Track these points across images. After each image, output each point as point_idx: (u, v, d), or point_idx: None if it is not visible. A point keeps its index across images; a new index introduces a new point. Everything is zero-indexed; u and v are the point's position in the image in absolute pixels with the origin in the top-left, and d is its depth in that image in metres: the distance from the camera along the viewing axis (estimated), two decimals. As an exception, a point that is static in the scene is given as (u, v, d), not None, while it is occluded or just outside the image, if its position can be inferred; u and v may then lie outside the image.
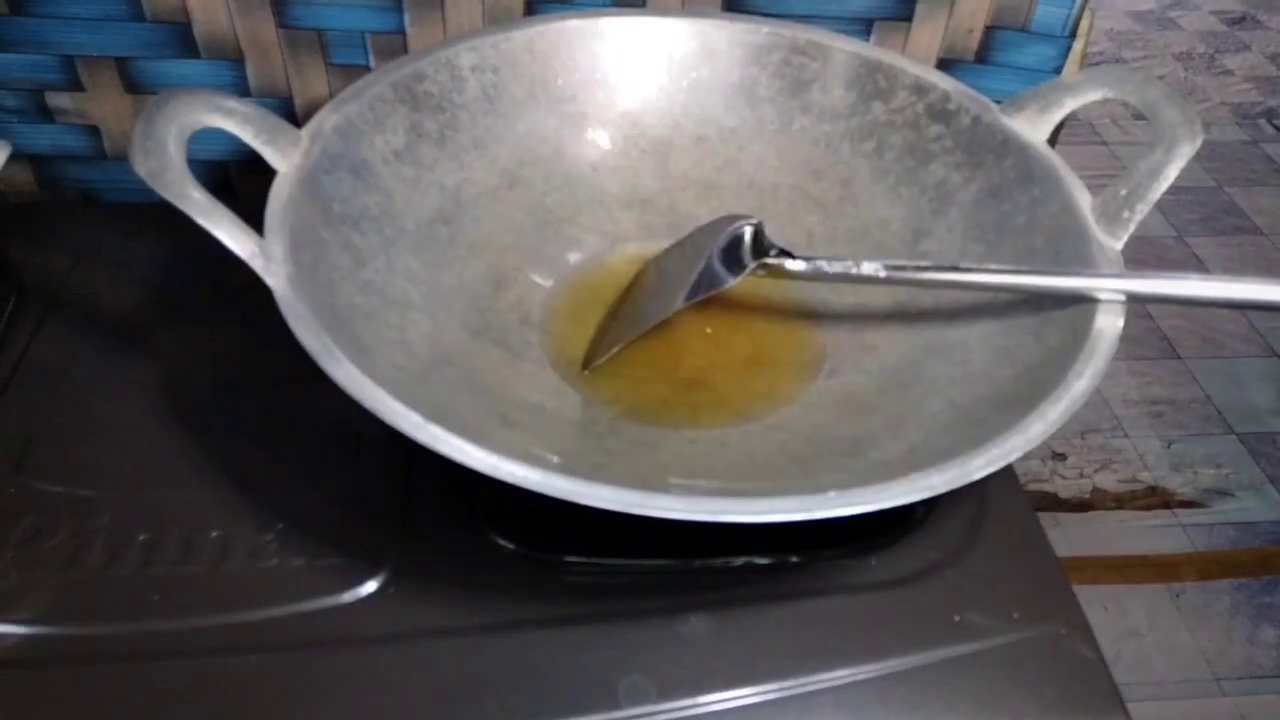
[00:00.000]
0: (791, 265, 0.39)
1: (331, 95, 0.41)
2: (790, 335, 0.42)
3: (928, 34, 0.48)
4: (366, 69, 0.48)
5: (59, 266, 0.45)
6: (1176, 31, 1.97)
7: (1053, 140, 0.41)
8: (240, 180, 0.51)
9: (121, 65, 0.48)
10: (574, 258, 0.44)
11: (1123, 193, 0.37)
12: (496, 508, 0.35)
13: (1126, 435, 1.18)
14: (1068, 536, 1.06)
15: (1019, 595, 0.34)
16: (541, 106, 0.44)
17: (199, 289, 0.45)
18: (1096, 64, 1.75)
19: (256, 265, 0.32)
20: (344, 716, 0.30)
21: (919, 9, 0.47)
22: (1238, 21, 2.02)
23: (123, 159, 0.48)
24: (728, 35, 0.45)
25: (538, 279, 0.43)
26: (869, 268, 0.37)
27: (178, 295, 0.45)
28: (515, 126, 0.44)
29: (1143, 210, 0.36)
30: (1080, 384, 0.31)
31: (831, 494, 0.28)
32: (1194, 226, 1.47)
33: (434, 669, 0.31)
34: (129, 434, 0.38)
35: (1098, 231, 0.37)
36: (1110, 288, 0.34)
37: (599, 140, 0.46)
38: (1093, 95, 0.40)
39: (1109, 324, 0.33)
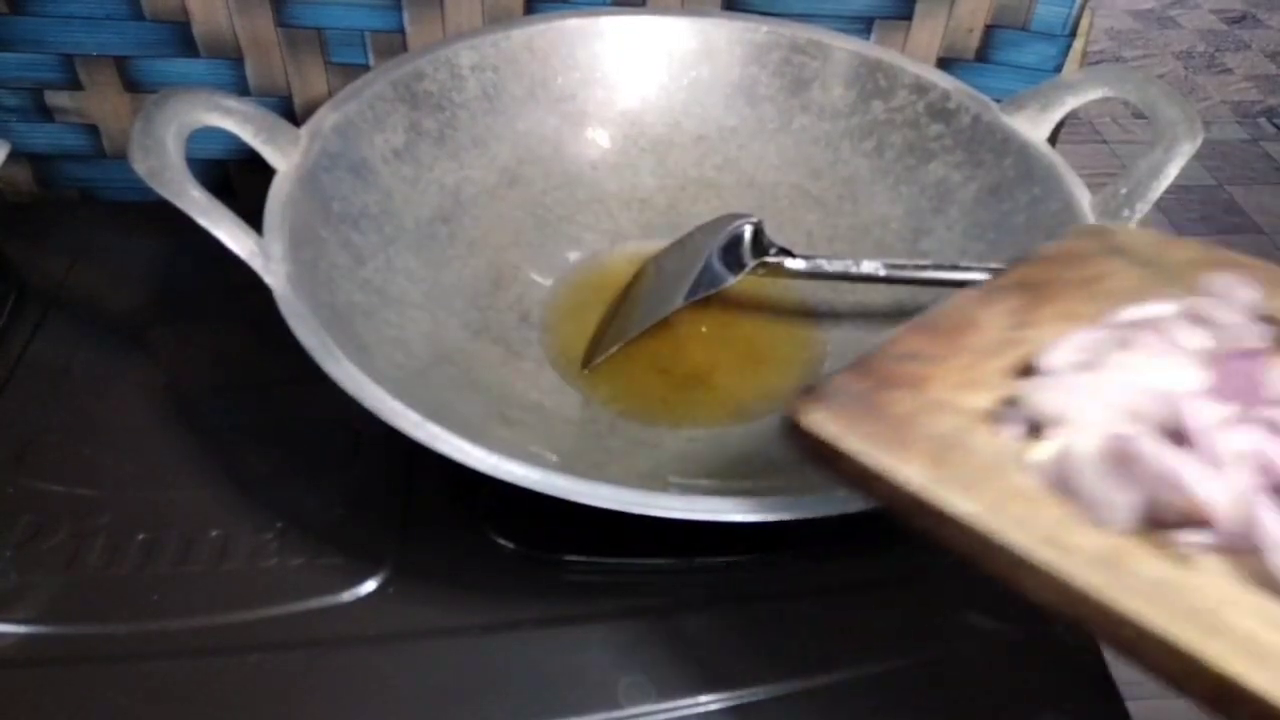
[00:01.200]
0: (791, 264, 0.39)
1: (331, 94, 0.41)
2: (790, 334, 0.42)
3: (928, 33, 0.48)
4: (366, 68, 0.48)
5: (58, 265, 0.45)
6: (1177, 30, 1.97)
7: (1053, 139, 0.41)
8: (239, 179, 0.51)
9: (120, 64, 0.48)
10: (573, 256, 0.44)
11: (1123, 191, 0.37)
12: (496, 507, 0.35)
13: (1126, 434, 1.17)
14: (1068, 535, 1.05)
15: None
16: (541, 105, 0.44)
17: (198, 288, 0.45)
18: (1096, 63, 1.75)
19: (255, 264, 0.32)
20: (344, 716, 0.30)
21: (919, 8, 0.47)
22: (1238, 20, 2.02)
23: (122, 158, 0.48)
24: (727, 34, 0.45)
25: (537, 277, 0.43)
26: (869, 266, 0.37)
27: (177, 294, 0.45)
28: (515, 125, 0.44)
29: (1143, 209, 0.36)
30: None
31: (832, 493, 0.28)
32: (1194, 225, 1.47)
33: (434, 669, 0.31)
34: (129, 434, 0.38)
35: (1098, 230, 0.37)
36: None
37: (599, 139, 0.45)
38: (1093, 94, 0.40)
39: (1109, 323, 0.33)
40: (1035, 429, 0.22)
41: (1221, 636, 0.17)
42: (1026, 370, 0.23)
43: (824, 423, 0.22)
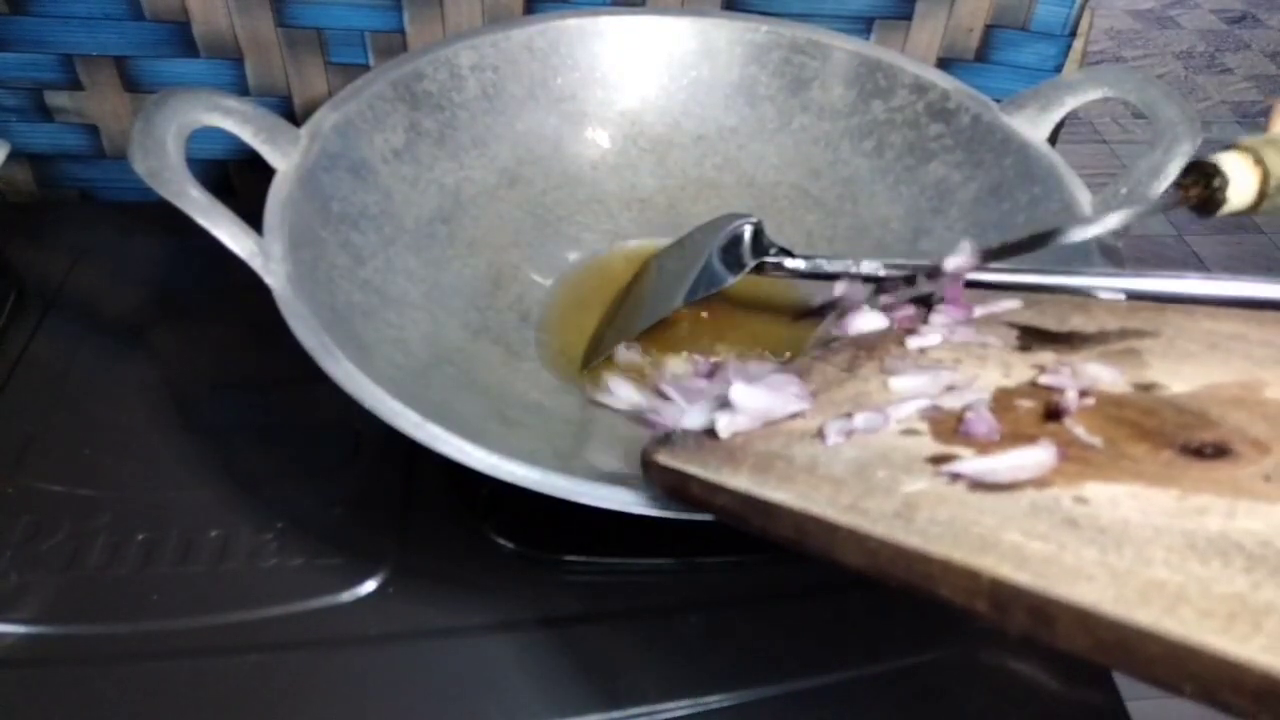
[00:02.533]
0: (791, 264, 0.39)
1: (331, 94, 0.41)
2: (790, 333, 0.42)
3: (928, 33, 0.48)
4: (366, 68, 0.48)
5: (58, 265, 0.45)
6: (1176, 30, 1.97)
7: (1053, 139, 0.41)
8: (239, 179, 0.51)
9: (120, 64, 0.48)
10: (573, 256, 0.44)
11: (1123, 191, 0.37)
12: (496, 507, 0.35)
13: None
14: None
15: (1019, 594, 0.34)
16: (541, 105, 0.44)
17: (198, 288, 0.45)
18: (1096, 63, 1.75)
19: (255, 264, 0.32)
20: (344, 716, 0.30)
21: (919, 8, 0.47)
22: (1238, 20, 2.02)
23: (122, 158, 0.48)
24: (727, 34, 0.45)
25: (537, 277, 0.43)
26: (868, 266, 0.37)
27: (177, 294, 0.45)
28: (514, 125, 0.44)
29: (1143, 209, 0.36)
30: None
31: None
32: (1194, 225, 1.47)
33: (434, 669, 0.31)
34: (129, 434, 0.38)
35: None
36: (1110, 286, 0.34)
37: (598, 139, 0.45)
38: (1093, 94, 0.40)
39: (1109, 323, 0.33)
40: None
41: (992, 551, 0.19)
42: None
43: (671, 458, 0.27)
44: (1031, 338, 0.30)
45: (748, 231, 0.40)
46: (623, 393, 0.38)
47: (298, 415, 0.39)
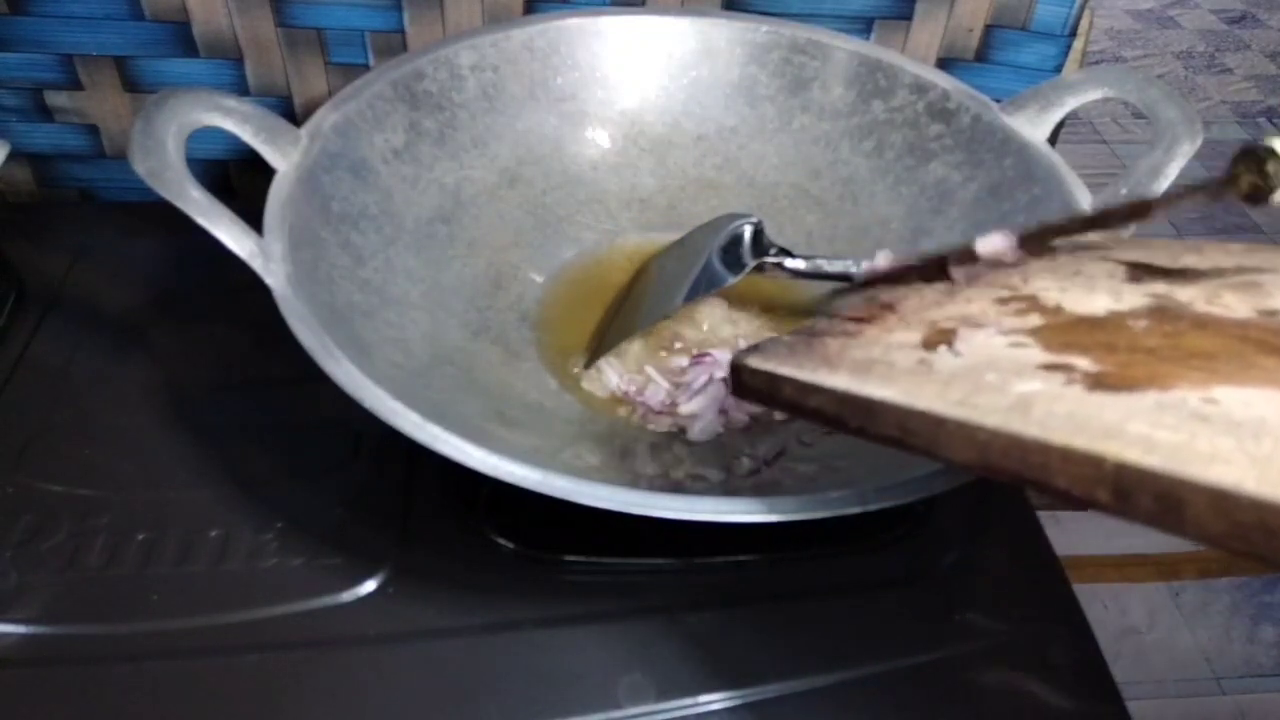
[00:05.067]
0: (791, 264, 0.39)
1: (331, 94, 0.41)
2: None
3: (928, 33, 0.48)
4: (366, 68, 0.48)
5: (58, 265, 0.45)
6: (1176, 30, 1.97)
7: (1053, 139, 0.41)
8: (240, 179, 0.51)
9: (120, 64, 0.48)
10: (573, 256, 0.44)
11: (1123, 191, 0.37)
12: (496, 508, 0.35)
13: (1126, 434, 1.17)
14: (1067, 534, 1.05)
15: (1019, 594, 0.34)
16: (541, 105, 0.44)
17: (198, 288, 0.45)
18: (1096, 63, 1.75)
19: (255, 264, 0.32)
20: (343, 716, 0.30)
21: (919, 8, 0.47)
22: (1238, 20, 2.02)
23: (122, 158, 0.48)
24: (727, 34, 0.45)
25: (537, 277, 0.43)
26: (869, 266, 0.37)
27: (177, 294, 0.44)
28: (515, 125, 0.44)
29: (1143, 209, 0.36)
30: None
31: (831, 494, 0.28)
32: (1194, 225, 1.47)
33: (434, 669, 0.31)
34: (129, 434, 0.38)
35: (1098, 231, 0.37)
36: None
37: (598, 139, 0.45)
38: (1093, 94, 0.40)
39: (1109, 323, 0.33)
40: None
41: (1116, 438, 0.19)
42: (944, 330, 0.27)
43: (762, 361, 0.26)
44: (1142, 272, 0.29)
45: (748, 231, 0.40)
46: (609, 377, 0.38)
47: (298, 415, 0.39)
